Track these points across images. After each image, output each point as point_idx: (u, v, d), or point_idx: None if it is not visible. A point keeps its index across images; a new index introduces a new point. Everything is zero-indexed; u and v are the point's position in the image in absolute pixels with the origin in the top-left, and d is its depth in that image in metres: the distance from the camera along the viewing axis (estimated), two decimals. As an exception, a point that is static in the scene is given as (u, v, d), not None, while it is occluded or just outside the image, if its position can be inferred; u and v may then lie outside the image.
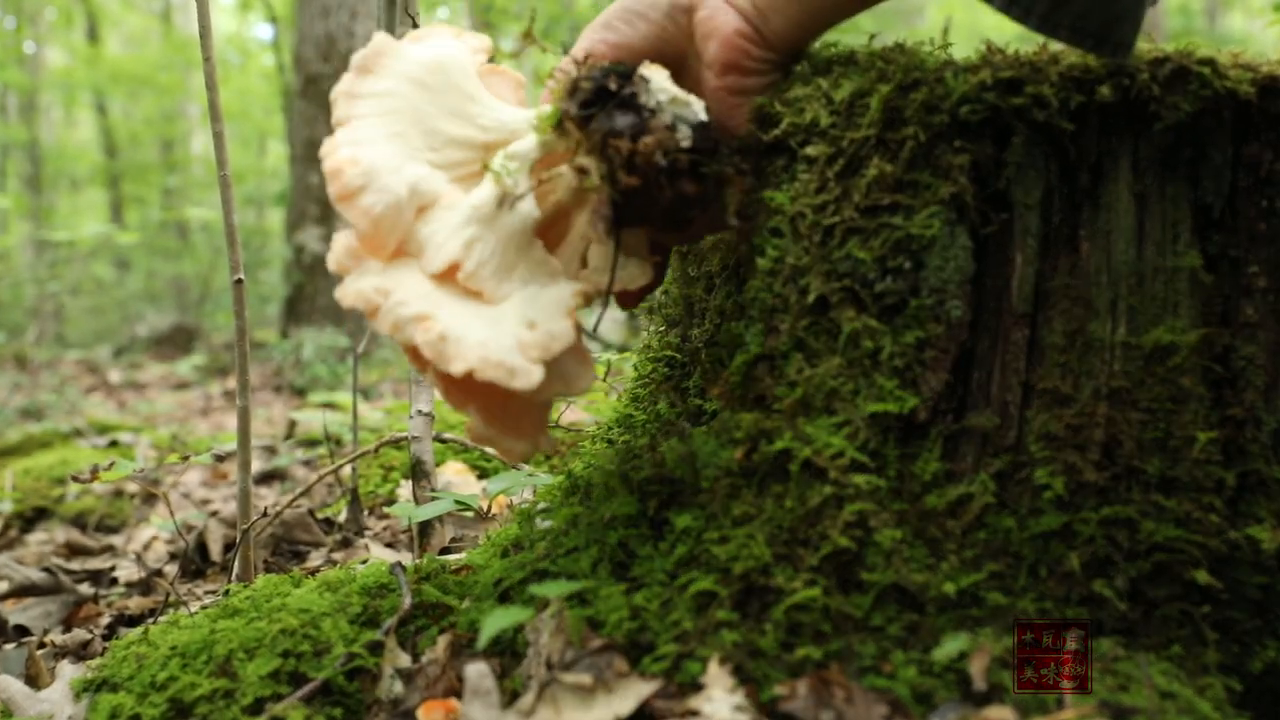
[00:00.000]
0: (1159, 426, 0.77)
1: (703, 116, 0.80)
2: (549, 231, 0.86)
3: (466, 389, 0.80)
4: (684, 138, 0.79)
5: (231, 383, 6.11)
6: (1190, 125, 0.77)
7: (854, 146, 0.80)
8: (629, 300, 0.91)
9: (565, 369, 0.79)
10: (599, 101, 0.79)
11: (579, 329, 0.82)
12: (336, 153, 0.77)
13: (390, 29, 1.25)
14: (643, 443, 0.99)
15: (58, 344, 8.96)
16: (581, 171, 0.80)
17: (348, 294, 0.75)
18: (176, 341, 8.50)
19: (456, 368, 0.72)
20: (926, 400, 0.79)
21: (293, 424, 3.41)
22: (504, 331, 0.75)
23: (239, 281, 1.19)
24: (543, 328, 0.77)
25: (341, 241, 0.80)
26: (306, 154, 6.58)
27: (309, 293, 6.43)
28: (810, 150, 0.82)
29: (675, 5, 0.85)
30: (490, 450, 0.90)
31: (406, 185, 0.78)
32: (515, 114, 0.85)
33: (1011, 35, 0.93)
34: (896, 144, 0.79)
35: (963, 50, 0.83)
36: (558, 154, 0.83)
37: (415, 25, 1.42)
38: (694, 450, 0.87)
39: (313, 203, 6.46)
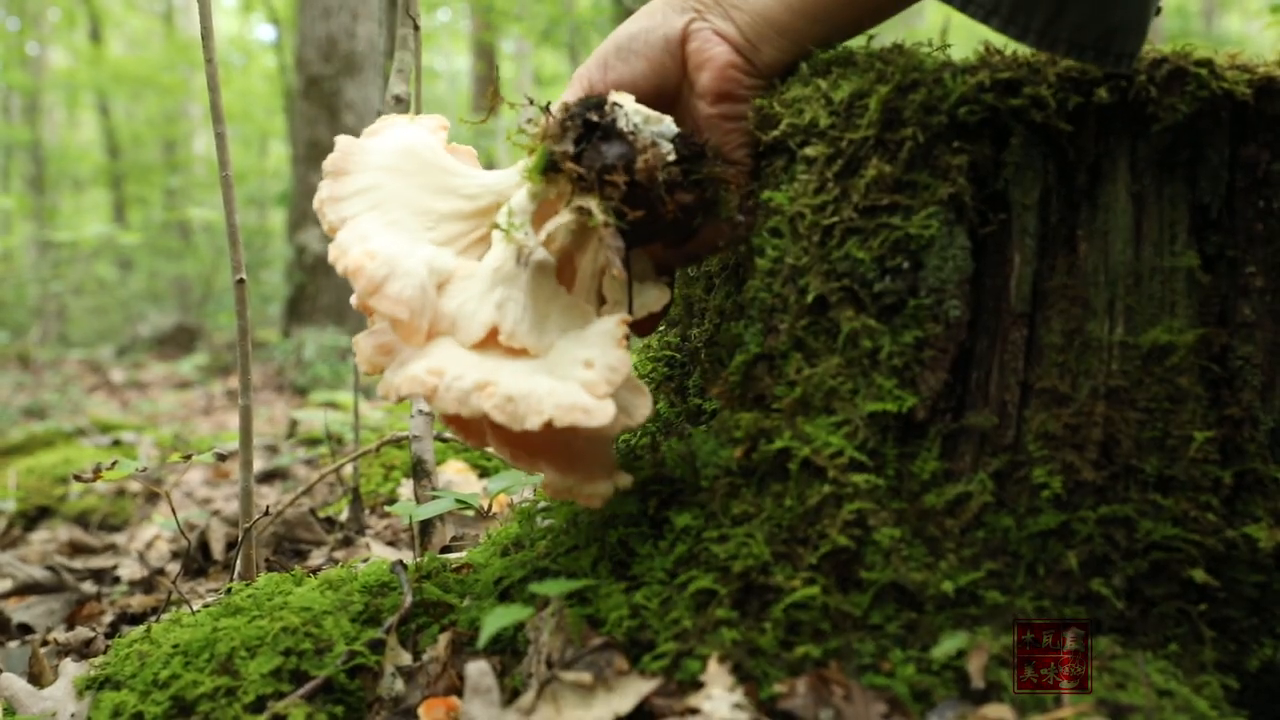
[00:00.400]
0: (1156, 426, 0.77)
1: (675, 128, 0.83)
2: (559, 278, 0.88)
3: (535, 448, 0.81)
4: (668, 151, 0.81)
5: (233, 382, 6.12)
6: (1188, 126, 0.78)
7: (853, 147, 0.80)
8: (645, 328, 0.92)
9: (623, 400, 0.80)
10: (587, 137, 0.81)
11: None
12: (349, 253, 0.77)
13: (391, 30, 1.26)
14: (643, 442, 0.99)
15: (61, 344, 8.98)
16: (583, 212, 0.81)
17: (400, 384, 0.74)
18: (179, 341, 8.51)
19: (533, 422, 0.71)
20: (925, 399, 0.79)
21: (294, 423, 3.41)
22: (565, 376, 0.76)
23: (241, 281, 1.20)
24: (600, 362, 0.77)
25: (368, 343, 0.81)
26: (308, 154, 6.59)
27: (311, 292, 6.44)
28: (809, 151, 0.82)
29: (668, 39, 0.87)
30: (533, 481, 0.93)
31: (424, 265, 0.79)
32: (497, 175, 0.87)
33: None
34: (895, 144, 0.79)
35: (961, 51, 0.83)
36: (549, 202, 0.85)
37: (416, 27, 1.43)
38: (694, 449, 0.88)
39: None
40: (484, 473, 1.96)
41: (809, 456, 0.80)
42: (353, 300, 0.81)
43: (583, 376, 0.75)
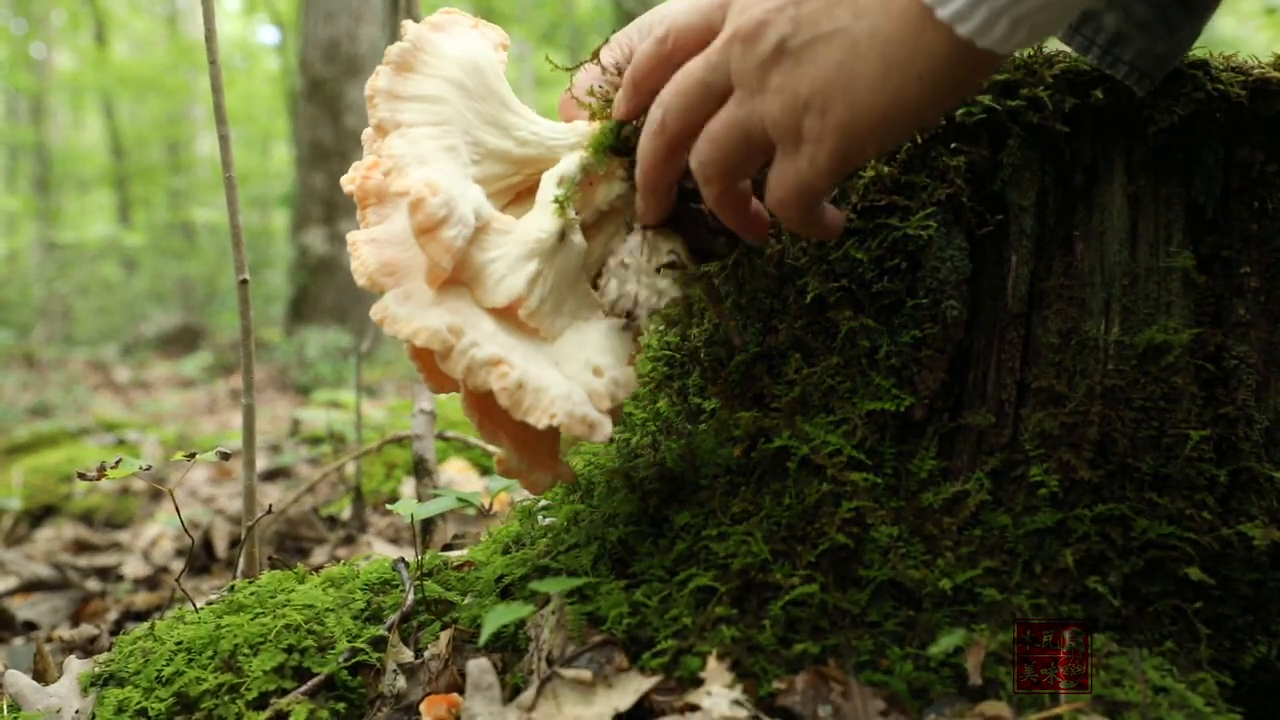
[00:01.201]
0: (1152, 425, 0.77)
1: None
2: None
3: (501, 423, 0.79)
4: None
5: (236, 381, 6.13)
6: (1183, 128, 0.78)
7: (851, 148, 0.81)
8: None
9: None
10: None
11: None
12: (408, 175, 0.72)
13: (393, 33, 1.26)
14: (643, 441, 1.00)
15: (65, 343, 9.00)
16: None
17: (416, 329, 0.70)
18: (182, 341, 8.53)
19: (538, 419, 0.70)
20: (923, 399, 0.79)
21: (297, 422, 3.42)
22: (574, 378, 0.74)
23: (244, 282, 1.21)
24: (609, 374, 0.75)
25: (371, 254, 0.76)
26: (311, 156, 6.61)
27: (313, 292, 6.45)
28: (808, 152, 0.83)
29: (709, 21, 0.86)
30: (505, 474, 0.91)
31: (474, 212, 0.74)
32: (550, 128, 0.83)
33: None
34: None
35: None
36: (594, 174, 0.82)
37: (419, 28, 1.43)
38: (693, 448, 0.88)
39: (317, 204, 6.48)
40: (485, 471, 1.96)
41: (808, 455, 0.80)
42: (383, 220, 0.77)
43: (590, 384, 0.74)
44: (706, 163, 0.70)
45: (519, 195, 0.85)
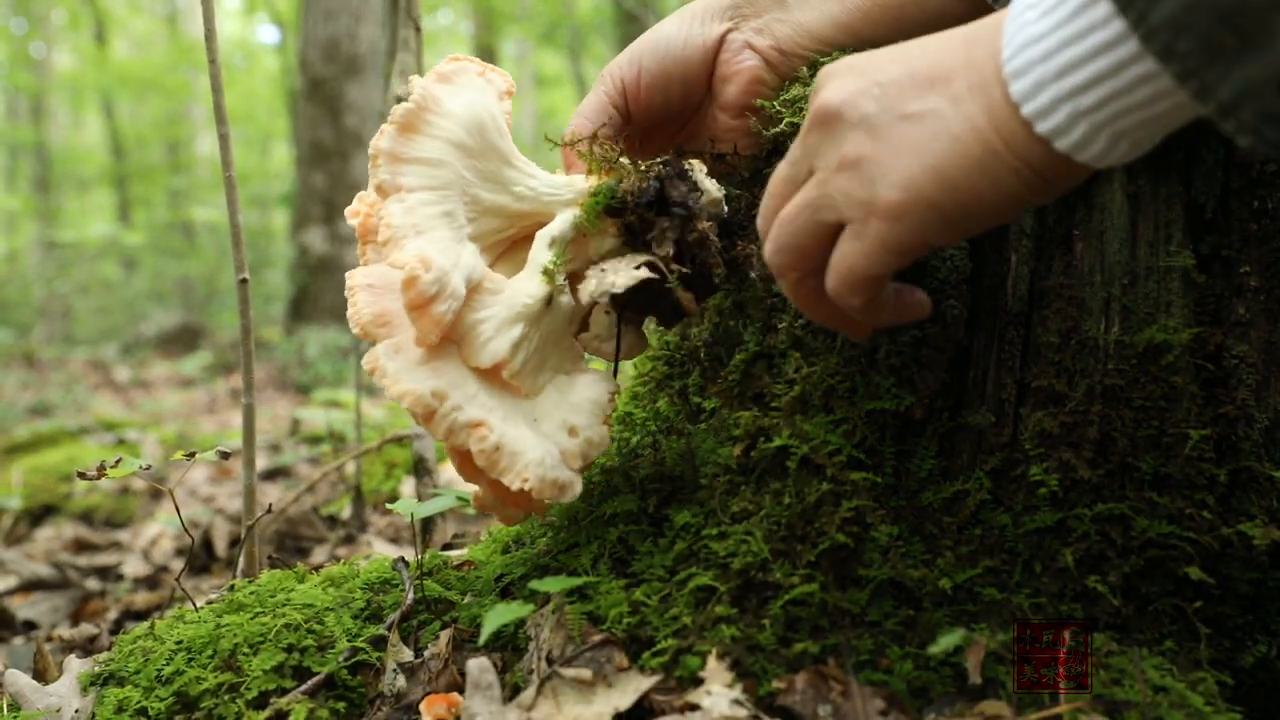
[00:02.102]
0: (1152, 424, 0.77)
1: (725, 207, 0.84)
2: None
3: (479, 470, 0.81)
4: (714, 229, 0.82)
5: (236, 381, 6.14)
6: (1183, 126, 0.78)
7: (851, 147, 0.81)
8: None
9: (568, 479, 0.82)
10: (660, 201, 0.82)
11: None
12: (404, 250, 0.75)
13: (393, 33, 1.26)
14: (643, 441, 0.99)
15: (65, 343, 9.00)
16: (652, 268, 0.80)
17: (402, 392, 0.74)
18: (182, 340, 8.53)
19: (510, 482, 0.75)
20: (923, 398, 0.79)
21: (297, 421, 3.43)
22: (548, 438, 0.78)
23: (244, 281, 1.21)
24: (583, 435, 0.79)
25: (365, 301, 0.78)
26: (311, 155, 6.61)
27: (313, 292, 6.45)
28: (808, 151, 0.83)
29: (705, 47, 0.86)
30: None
31: (464, 282, 0.78)
32: (549, 184, 0.85)
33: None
34: (893, 145, 0.79)
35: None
36: (584, 236, 0.85)
37: (418, 29, 1.44)
38: (693, 448, 0.88)
39: (317, 204, 6.48)
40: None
41: (808, 454, 0.80)
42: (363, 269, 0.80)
43: (564, 444, 0.78)
44: (777, 250, 0.68)
45: (514, 244, 0.88)
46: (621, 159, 0.83)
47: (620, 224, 0.83)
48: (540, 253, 0.82)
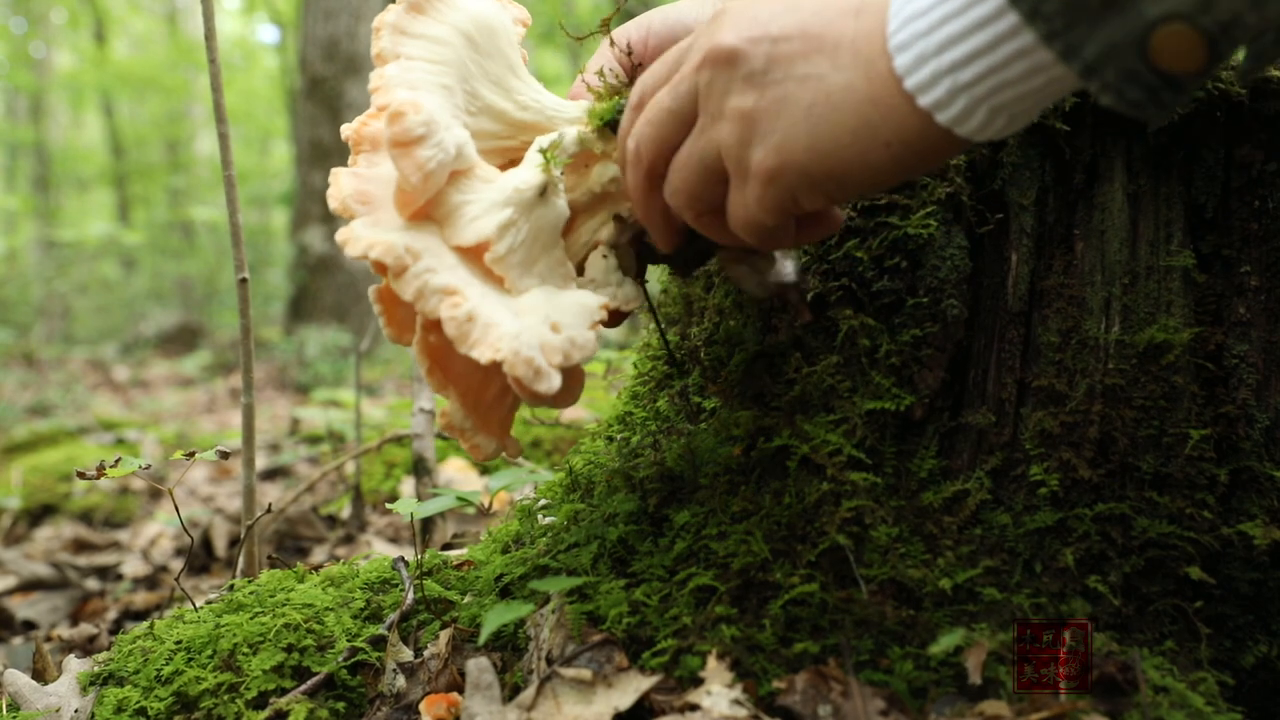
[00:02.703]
0: (1153, 424, 0.77)
1: None
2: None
3: (450, 373, 0.77)
4: None
5: (236, 380, 6.13)
6: (1183, 126, 0.78)
7: (851, 147, 0.81)
8: (612, 322, 0.91)
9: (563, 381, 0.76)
10: None
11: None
12: (393, 91, 0.72)
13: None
14: (644, 441, 0.99)
15: (65, 342, 9.00)
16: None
17: (372, 245, 0.68)
18: (182, 339, 8.53)
19: (481, 354, 0.67)
20: (923, 398, 0.79)
21: (296, 421, 3.43)
22: (529, 327, 0.71)
23: (243, 280, 1.20)
24: (566, 333, 0.73)
25: (348, 182, 0.74)
26: (311, 154, 6.61)
27: (313, 291, 6.45)
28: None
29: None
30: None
31: (456, 145, 0.73)
32: (556, 101, 0.83)
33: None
34: (893, 144, 0.79)
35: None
36: (590, 154, 0.82)
37: (418, 26, 1.43)
38: (693, 447, 0.88)
39: (317, 203, 6.48)
40: (485, 470, 1.96)
41: (808, 454, 0.80)
42: (363, 132, 0.76)
43: (545, 337, 0.71)
44: (674, 193, 0.69)
45: (512, 162, 0.83)
46: (628, 88, 0.81)
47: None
48: (536, 154, 0.79)
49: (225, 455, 1.03)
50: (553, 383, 0.69)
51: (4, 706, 0.90)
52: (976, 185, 0.80)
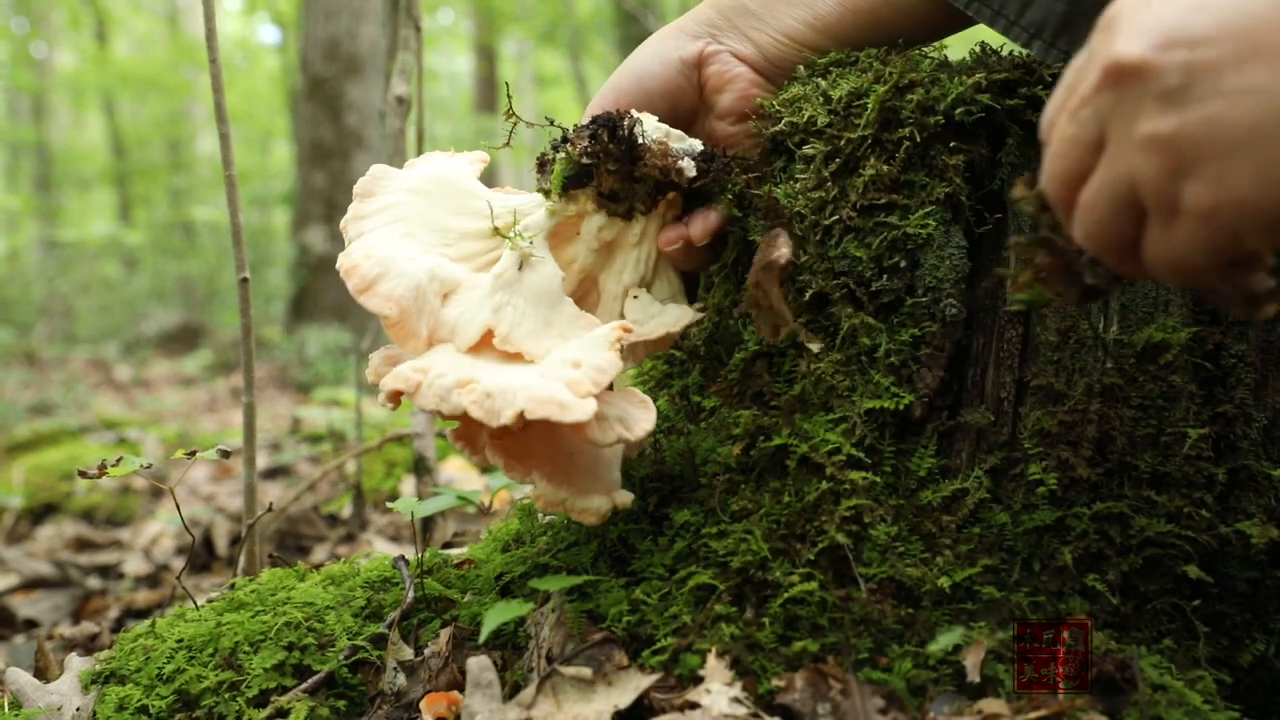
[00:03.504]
0: (1151, 423, 0.77)
1: (700, 146, 0.85)
2: (583, 304, 0.89)
3: (526, 452, 0.81)
4: (688, 166, 0.84)
5: (237, 379, 6.14)
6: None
7: (851, 146, 0.81)
8: (662, 345, 0.90)
9: (622, 411, 0.78)
10: (612, 152, 0.83)
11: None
12: (351, 257, 0.79)
13: (393, 32, 1.26)
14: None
15: (66, 341, 9.00)
16: (611, 207, 0.84)
17: (387, 381, 0.74)
18: (183, 339, 8.53)
19: (507, 415, 0.70)
20: (922, 397, 0.80)
21: (297, 420, 3.43)
22: (550, 375, 0.75)
23: (244, 280, 1.21)
24: (588, 363, 0.76)
25: (377, 356, 0.83)
26: (312, 154, 6.61)
27: (313, 291, 6.46)
28: (808, 149, 0.83)
29: (685, 64, 0.88)
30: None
31: (424, 270, 0.79)
32: (519, 198, 0.88)
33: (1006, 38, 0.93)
34: (893, 144, 0.80)
35: (958, 52, 0.84)
36: (569, 221, 0.86)
37: (418, 28, 1.44)
38: (693, 446, 0.88)
39: (317, 203, 6.49)
40: (486, 469, 1.97)
41: (807, 453, 0.80)
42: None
43: (568, 375, 0.74)
44: (1086, 237, 0.59)
45: None
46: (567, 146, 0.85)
47: (592, 193, 0.84)
48: (504, 241, 0.84)
49: (226, 454, 1.03)
50: (585, 409, 0.71)
51: (6, 704, 0.90)
52: (975, 185, 0.80)
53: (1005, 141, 0.79)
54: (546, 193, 0.86)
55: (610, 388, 0.80)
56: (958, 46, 0.84)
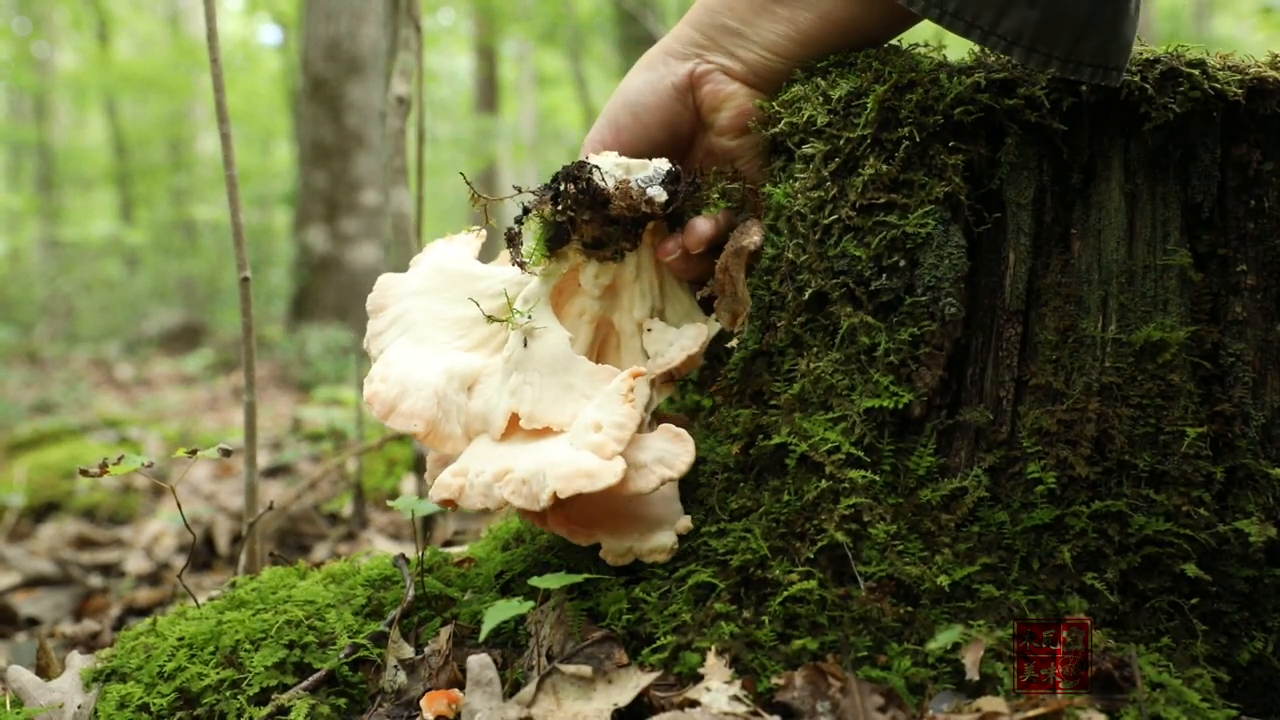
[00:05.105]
0: (1149, 422, 0.78)
1: (665, 167, 0.87)
2: (605, 349, 0.91)
3: (587, 518, 0.82)
4: (657, 193, 0.85)
5: (238, 379, 6.14)
6: (1180, 126, 0.78)
7: (850, 146, 0.81)
8: (684, 367, 0.91)
9: (661, 453, 0.80)
10: (577, 201, 0.84)
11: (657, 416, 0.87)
12: (370, 385, 0.83)
13: (395, 32, 1.27)
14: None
15: (68, 341, 9.01)
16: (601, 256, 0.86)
17: (433, 493, 0.79)
18: (185, 338, 8.54)
19: (545, 498, 0.75)
20: (921, 396, 0.80)
21: (298, 419, 3.43)
22: (578, 442, 0.78)
23: (245, 279, 1.21)
24: (608, 422, 0.79)
25: (432, 459, 0.87)
26: (313, 154, 6.61)
27: (314, 290, 6.46)
28: (807, 149, 0.83)
29: (677, 87, 0.89)
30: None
31: (441, 374, 0.82)
32: (514, 270, 0.90)
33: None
34: (892, 144, 0.80)
35: (957, 52, 0.84)
36: (568, 279, 0.88)
37: (418, 29, 1.44)
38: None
39: (318, 202, 6.49)
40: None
41: (806, 452, 0.81)
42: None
43: (591, 440, 0.78)
44: None
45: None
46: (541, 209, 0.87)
47: (576, 245, 0.86)
48: (496, 312, 0.88)
49: (227, 453, 1.03)
50: (613, 471, 0.75)
51: (8, 702, 0.91)
52: (974, 185, 0.80)
53: (1004, 141, 0.79)
54: (522, 265, 0.87)
55: (648, 420, 0.84)
56: (957, 48, 0.84)
